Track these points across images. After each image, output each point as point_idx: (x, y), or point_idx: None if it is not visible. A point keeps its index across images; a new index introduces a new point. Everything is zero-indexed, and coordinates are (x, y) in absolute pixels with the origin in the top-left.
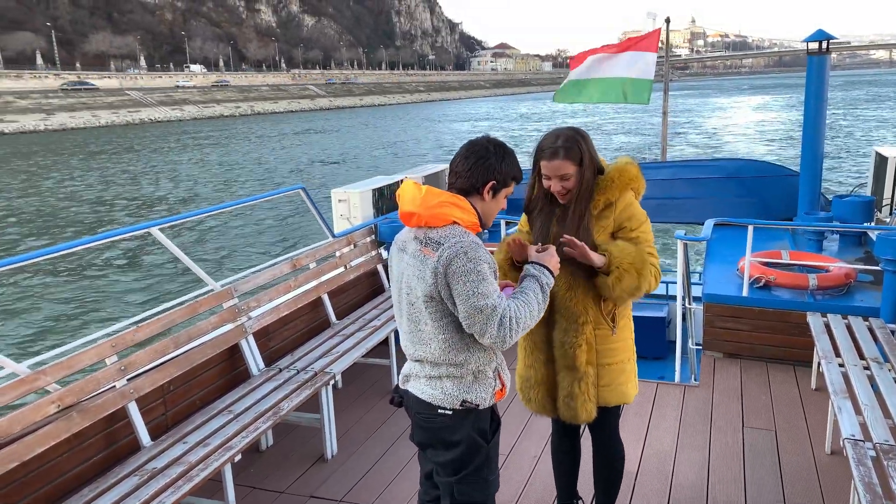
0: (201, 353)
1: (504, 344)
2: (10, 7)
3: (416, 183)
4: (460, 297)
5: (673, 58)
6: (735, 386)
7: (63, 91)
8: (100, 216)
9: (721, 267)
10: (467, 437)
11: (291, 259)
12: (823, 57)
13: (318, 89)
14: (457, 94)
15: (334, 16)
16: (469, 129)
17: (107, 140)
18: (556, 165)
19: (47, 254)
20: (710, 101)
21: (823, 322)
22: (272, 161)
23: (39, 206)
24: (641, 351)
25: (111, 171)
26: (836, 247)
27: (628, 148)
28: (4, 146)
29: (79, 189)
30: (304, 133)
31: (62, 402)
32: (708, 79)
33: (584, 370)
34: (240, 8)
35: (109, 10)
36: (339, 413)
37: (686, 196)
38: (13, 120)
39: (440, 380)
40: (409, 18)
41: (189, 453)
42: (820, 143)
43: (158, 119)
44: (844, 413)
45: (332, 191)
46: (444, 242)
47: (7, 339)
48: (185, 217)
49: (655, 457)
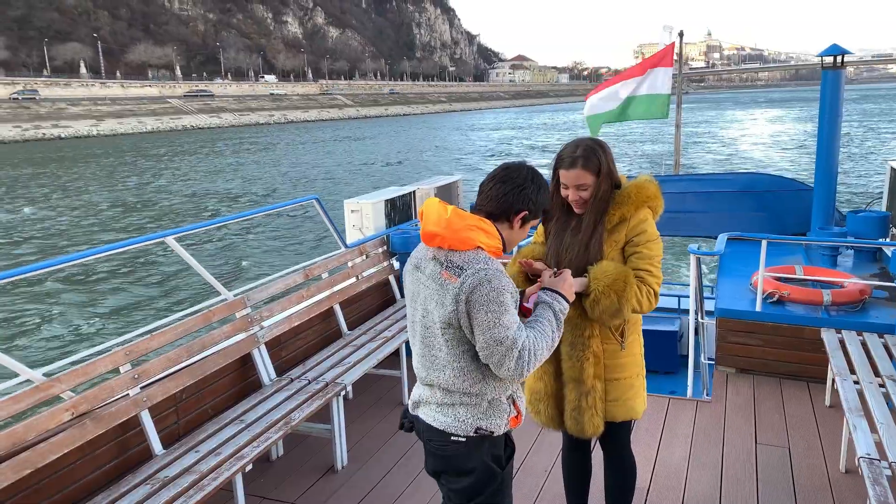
0: (214, 362)
1: (521, 377)
2: (55, 19)
3: (442, 202)
4: (480, 327)
5: (686, 72)
6: (748, 402)
7: (185, 97)
8: (194, 206)
9: (734, 281)
10: (481, 465)
11: (304, 269)
12: (838, 71)
13: (345, 99)
14: (477, 105)
15: (358, 27)
16: (500, 138)
17: (162, 143)
18: (575, 175)
19: (64, 262)
20: (726, 113)
21: (838, 338)
22: (330, 164)
23: (139, 199)
24: (653, 365)
25: (183, 170)
26: (851, 262)
27: (644, 158)
28: (68, 149)
29: (166, 184)
30: (349, 140)
31: (76, 410)
32: (723, 91)
33: (591, 384)
34: (268, 20)
35: (146, 23)
36: (349, 424)
37: (699, 210)
38: (67, 125)
39: (453, 407)
40: (429, 30)
41: (200, 462)
42: (834, 158)
43: (199, 126)
44: (860, 431)
45: (344, 201)
46: (467, 268)
47: (22, 346)
48: (200, 227)
49: (667, 472)
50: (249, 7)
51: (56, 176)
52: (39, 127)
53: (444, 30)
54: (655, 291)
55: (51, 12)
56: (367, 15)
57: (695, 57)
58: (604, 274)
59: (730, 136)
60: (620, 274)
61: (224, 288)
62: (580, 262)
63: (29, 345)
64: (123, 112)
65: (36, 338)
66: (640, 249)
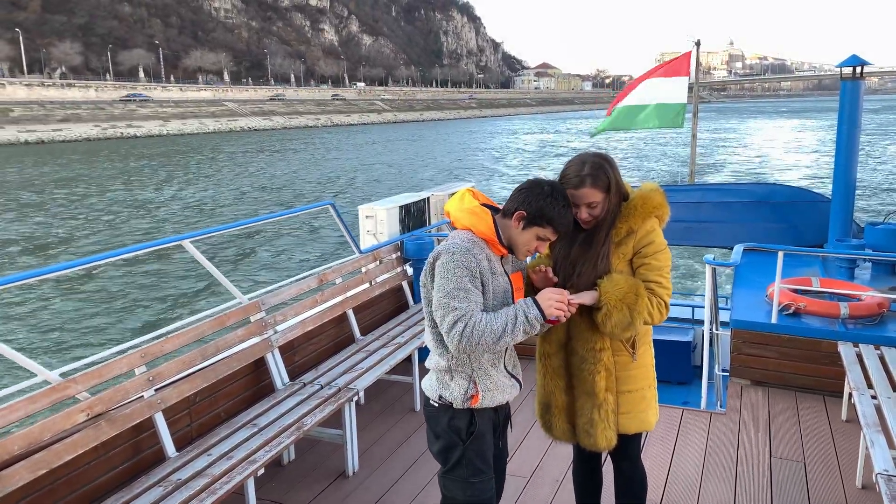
0: (227, 365)
1: (452, 346)
2: (115, 26)
3: (467, 189)
4: (436, 290)
5: (703, 82)
6: (763, 414)
7: (270, 101)
8: (307, 192)
9: (750, 292)
10: (444, 433)
11: (318, 274)
12: (857, 82)
13: (383, 104)
14: (505, 112)
15: (389, 35)
16: (538, 142)
17: (231, 143)
18: (584, 193)
19: (81, 264)
20: (747, 123)
21: (855, 352)
22: (396, 162)
23: (272, 183)
24: (666, 376)
25: (264, 165)
26: (869, 275)
27: (662, 166)
28: (154, 146)
29: (282, 174)
30: (407, 140)
31: (91, 411)
32: (747, 101)
33: (602, 397)
34: (305, 28)
35: (195, 30)
36: (361, 429)
37: (715, 220)
38: (139, 125)
39: (432, 372)
40: (456, 38)
41: (213, 466)
42: (853, 169)
43: (253, 127)
44: (877, 447)
45: (359, 207)
46: (447, 240)
47: (39, 347)
48: (217, 230)
49: (680, 485)
50: (288, 15)
51: (179, 166)
52: (115, 126)
53: (470, 37)
54: (666, 303)
55: (110, 20)
56: (397, 23)
57: (717, 66)
58: (615, 287)
59: (750, 144)
60: (632, 287)
61: (239, 291)
62: (589, 276)
63: (46, 345)
64: (185, 114)
65: (53, 338)
66: (649, 261)
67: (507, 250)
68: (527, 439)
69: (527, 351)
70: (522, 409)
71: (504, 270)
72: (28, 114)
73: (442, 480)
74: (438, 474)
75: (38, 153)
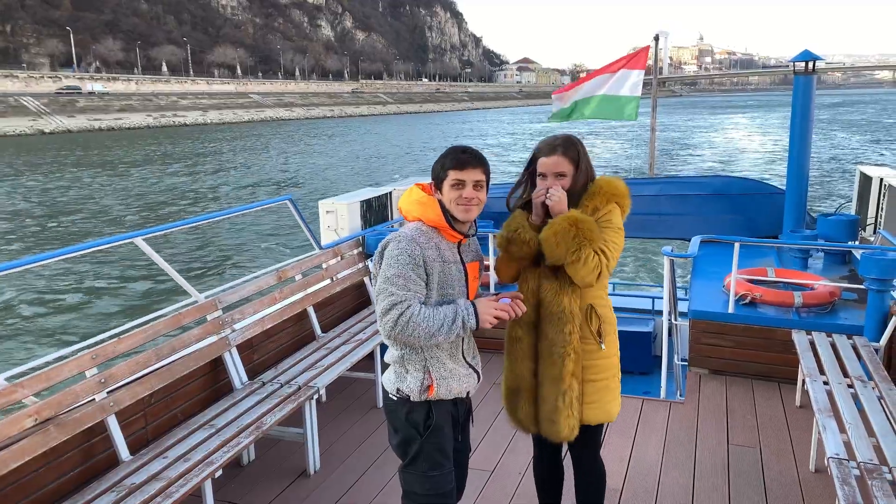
0: (184, 365)
1: (384, 331)
2: (137, 23)
3: (416, 184)
4: (379, 277)
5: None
6: (720, 403)
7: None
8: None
9: (707, 283)
10: (403, 426)
11: (277, 271)
12: (810, 77)
13: (386, 97)
14: (494, 104)
15: (380, 30)
16: (537, 131)
17: (265, 131)
18: (554, 161)
19: (27, 264)
20: (708, 117)
21: (808, 340)
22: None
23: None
24: (627, 366)
25: (334, 143)
26: (821, 265)
27: (621, 160)
28: (201, 134)
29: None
30: (425, 124)
31: (39, 416)
32: (717, 95)
33: (568, 382)
34: (304, 24)
35: (205, 26)
36: (322, 427)
37: (673, 212)
38: (183, 115)
39: (391, 366)
40: (440, 33)
41: (169, 468)
42: (806, 162)
43: (277, 117)
44: (829, 432)
45: (319, 202)
46: (391, 232)
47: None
48: (171, 227)
49: (640, 473)
50: (288, 11)
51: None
52: (164, 115)
53: (453, 33)
54: (608, 266)
55: (132, 17)
56: (385, 18)
57: (687, 61)
58: (578, 216)
59: (723, 137)
60: (589, 229)
61: (195, 290)
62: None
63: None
64: (220, 105)
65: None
66: (604, 235)
67: (464, 236)
68: (489, 433)
69: (487, 345)
70: (485, 404)
71: (461, 259)
72: (90, 104)
73: (402, 475)
74: (398, 469)
75: (116, 139)
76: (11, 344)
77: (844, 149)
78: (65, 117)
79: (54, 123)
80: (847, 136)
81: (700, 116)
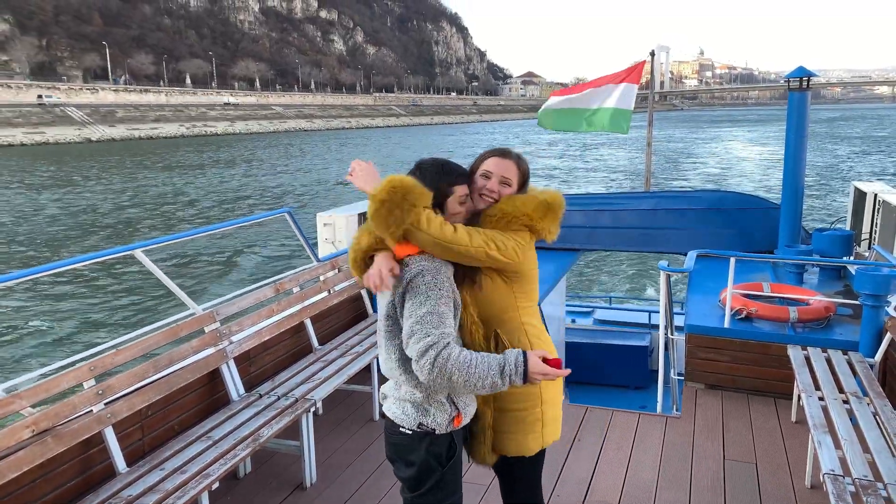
0: (181, 377)
1: (423, 377)
2: (162, 38)
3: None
4: (407, 314)
5: (660, 91)
6: (716, 417)
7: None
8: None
9: (703, 298)
10: (422, 460)
11: (275, 283)
12: (804, 93)
13: (400, 109)
14: (501, 117)
15: (389, 45)
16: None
17: (294, 140)
18: (507, 165)
19: (25, 276)
20: (719, 130)
21: (804, 355)
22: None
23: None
24: (624, 380)
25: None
26: (817, 280)
27: (627, 170)
28: (237, 142)
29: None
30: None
31: (37, 427)
32: (718, 108)
33: (481, 409)
34: (318, 38)
35: (225, 40)
36: (319, 440)
37: (668, 227)
38: (213, 125)
39: (403, 402)
40: (446, 48)
41: (165, 480)
42: (801, 177)
43: (300, 128)
44: (824, 447)
45: (317, 214)
46: (411, 264)
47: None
48: (170, 240)
49: (636, 488)
50: (302, 27)
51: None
52: (195, 125)
53: (458, 47)
54: (493, 240)
55: (157, 32)
56: (393, 33)
57: (688, 75)
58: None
59: (713, 152)
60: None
61: (193, 302)
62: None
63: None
64: (245, 116)
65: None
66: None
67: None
68: None
69: None
70: None
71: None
72: (128, 115)
73: (411, 501)
74: (405, 497)
75: (157, 146)
76: (9, 354)
77: (842, 160)
78: (107, 126)
79: (99, 132)
80: (843, 148)
81: (701, 129)
